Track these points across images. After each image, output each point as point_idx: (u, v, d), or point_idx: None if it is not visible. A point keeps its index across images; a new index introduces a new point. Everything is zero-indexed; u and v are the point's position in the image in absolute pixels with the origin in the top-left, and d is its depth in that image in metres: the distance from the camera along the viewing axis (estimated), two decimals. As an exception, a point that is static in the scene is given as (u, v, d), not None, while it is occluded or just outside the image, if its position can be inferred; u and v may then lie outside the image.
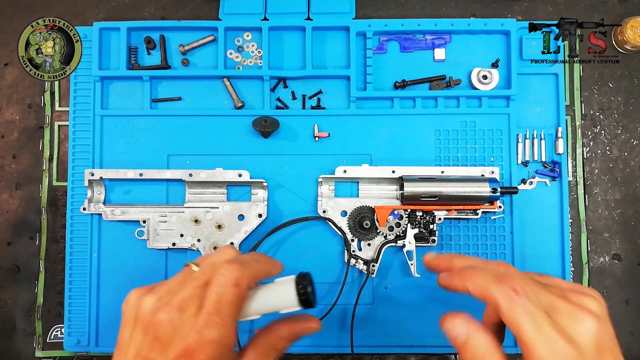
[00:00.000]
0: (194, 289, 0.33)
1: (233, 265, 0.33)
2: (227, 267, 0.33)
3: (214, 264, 0.35)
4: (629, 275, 0.64)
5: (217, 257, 0.36)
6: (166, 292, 0.34)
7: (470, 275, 0.34)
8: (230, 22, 0.64)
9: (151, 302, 0.33)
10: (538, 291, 0.32)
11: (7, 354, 0.63)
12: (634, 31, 0.63)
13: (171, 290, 0.34)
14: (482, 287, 0.33)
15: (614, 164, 0.65)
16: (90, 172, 0.61)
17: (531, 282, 0.32)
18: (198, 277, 0.34)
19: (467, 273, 0.34)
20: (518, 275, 0.34)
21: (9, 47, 0.66)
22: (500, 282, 0.32)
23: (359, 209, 0.61)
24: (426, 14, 0.66)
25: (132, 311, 0.34)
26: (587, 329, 0.30)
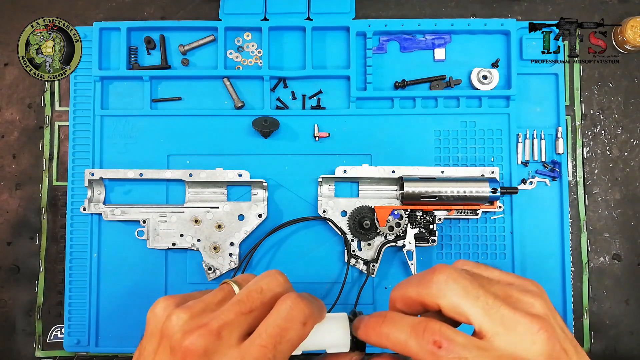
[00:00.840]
0: (237, 315, 0.29)
1: (304, 302, 0.30)
2: (299, 302, 0.30)
3: (261, 290, 0.31)
4: (629, 275, 0.64)
5: (265, 284, 0.31)
6: (200, 309, 0.30)
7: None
8: (230, 22, 0.64)
9: (183, 319, 0.29)
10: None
11: (7, 354, 0.63)
12: (634, 31, 0.63)
13: (207, 309, 0.30)
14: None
15: (614, 164, 0.65)
16: (90, 172, 0.61)
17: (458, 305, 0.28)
18: (242, 302, 0.30)
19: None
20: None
21: (9, 47, 0.66)
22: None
23: (359, 209, 0.61)
24: (426, 14, 0.66)
25: (158, 323, 0.30)
26: (537, 344, 0.26)
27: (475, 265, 0.32)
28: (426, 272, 0.30)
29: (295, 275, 0.62)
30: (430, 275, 0.29)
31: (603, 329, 0.63)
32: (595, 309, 0.63)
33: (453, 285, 0.28)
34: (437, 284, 0.28)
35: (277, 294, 0.31)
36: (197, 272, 0.62)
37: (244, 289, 0.31)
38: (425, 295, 0.29)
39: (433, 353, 0.26)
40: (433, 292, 0.29)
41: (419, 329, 0.28)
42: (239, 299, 0.30)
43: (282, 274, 0.33)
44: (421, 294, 0.29)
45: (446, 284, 0.28)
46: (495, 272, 0.31)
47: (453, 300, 0.28)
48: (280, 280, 0.32)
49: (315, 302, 0.32)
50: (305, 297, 0.31)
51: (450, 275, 0.28)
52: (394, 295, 0.32)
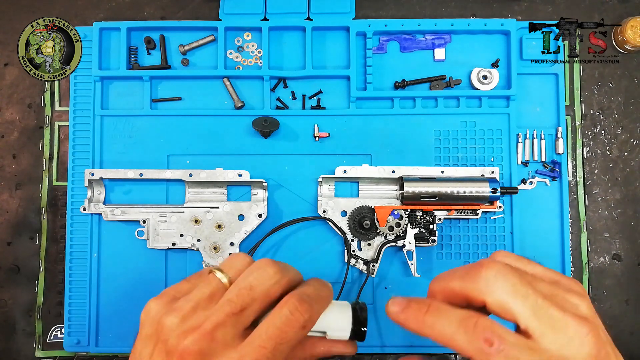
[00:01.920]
0: (228, 315, 0.29)
1: (304, 306, 0.30)
2: (298, 307, 0.29)
3: (251, 287, 0.30)
4: (629, 275, 0.64)
5: (255, 279, 0.31)
6: (191, 309, 0.30)
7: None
8: (230, 22, 0.64)
9: (175, 322, 0.29)
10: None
11: (7, 354, 0.63)
12: (634, 31, 0.63)
13: (197, 307, 0.30)
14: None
15: (614, 164, 0.65)
16: (90, 172, 0.61)
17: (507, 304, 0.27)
18: (232, 302, 0.29)
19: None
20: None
21: (9, 47, 0.66)
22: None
23: (359, 209, 0.61)
24: (426, 14, 0.66)
25: (152, 326, 0.30)
26: (586, 347, 0.26)
27: (517, 258, 0.31)
28: (473, 266, 0.29)
29: (295, 275, 0.62)
30: (478, 269, 0.28)
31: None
32: (595, 309, 0.63)
33: (502, 282, 0.27)
34: (486, 279, 0.28)
35: (269, 288, 0.31)
36: (197, 272, 0.62)
37: (234, 287, 0.31)
38: (471, 289, 0.28)
39: (483, 351, 0.26)
40: (480, 288, 0.28)
41: (469, 323, 0.27)
42: (229, 298, 0.30)
43: (273, 264, 0.32)
44: (467, 288, 0.28)
45: (495, 280, 0.27)
46: (538, 268, 0.31)
47: (501, 298, 0.27)
48: (270, 272, 0.31)
49: (319, 297, 0.32)
50: (308, 296, 0.31)
51: (499, 272, 0.27)
52: (435, 287, 0.31)
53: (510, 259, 0.31)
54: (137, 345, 0.31)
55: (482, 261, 0.29)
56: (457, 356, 0.62)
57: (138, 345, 0.31)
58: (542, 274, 0.30)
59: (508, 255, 0.31)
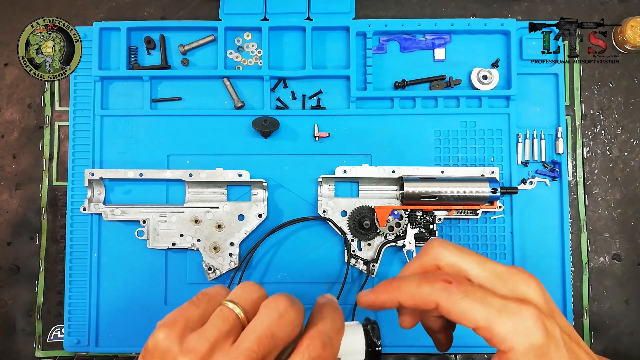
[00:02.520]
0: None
1: (328, 350, 0.29)
2: (323, 352, 0.29)
3: (272, 335, 0.29)
4: (629, 275, 0.64)
5: (276, 327, 0.29)
6: (208, 351, 0.28)
7: (396, 285, 0.32)
8: (230, 22, 0.64)
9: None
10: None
11: (7, 354, 0.63)
12: (634, 31, 0.63)
13: (215, 348, 0.28)
14: (412, 293, 0.31)
15: (614, 164, 0.65)
16: (90, 172, 0.61)
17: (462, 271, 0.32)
18: (255, 352, 0.28)
19: (393, 285, 0.32)
20: (448, 269, 0.33)
21: (9, 47, 0.66)
22: (430, 281, 0.30)
23: (359, 209, 0.61)
24: (426, 14, 0.66)
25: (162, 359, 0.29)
26: (532, 289, 0.30)
27: (453, 251, 0.35)
28: (421, 250, 0.34)
29: (295, 275, 0.62)
30: (424, 247, 0.34)
31: (603, 329, 0.63)
32: (595, 309, 0.63)
33: (447, 245, 0.33)
34: (434, 248, 0.33)
35: (290, 333, 0.30)
36: (197, 272, 0.62)
37: (253, 333, 0.29)
38: (425, 262, 0.33)
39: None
40: (432, 256, 0.33)
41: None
42: (249, 347, 0.28)
43: (292, 306, 0.30)
44: (423, 263, 0.33)
45: (441, 246, 0.33)
46: (473, 257, 0.34)
47: (450, 259, 0.32)
48: (291, 316, 0.30)
49: (337, 332, 0.31)
50: (329, 337, 0.30)
51: (441, 241, 0.33)
52: (403, 289, 0.32)
53: (446, 253, 0.34)
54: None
55: (426, 242, 0.34)
56: (457, 356, 0.62)
57: None
58: (480, 270, 0.34)
59: (443, 246, 0.35)
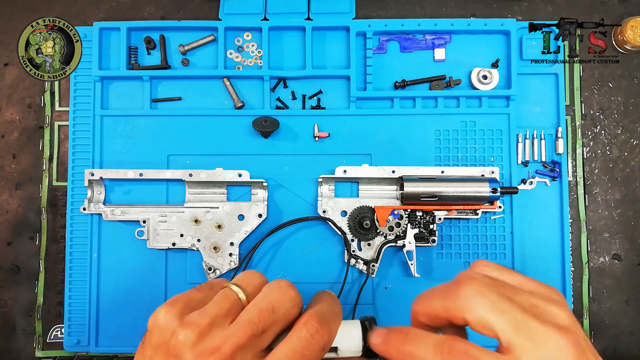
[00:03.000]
0: (249, 338, 0.28)
1: (325, 328, 0.29)
2: (319, 329, 0.29)
3: (273, 309, 0.29)
4: (629, 275, 0.64)
5: (276, 300, 0.30)
6: (208, 325, 0.28)
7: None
8: (230, 22, 0.64)
9: (191, 339, 0.28)
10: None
11: (7, 354, 0.63)
12: (634, 31, 0.63)
13: (214, 324, 0.29)
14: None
15: (614, 164, 0.65)
16: (90, 172, 0.61)
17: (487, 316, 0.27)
18: (254, 323, 0.29)
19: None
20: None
21: (9, 47, 0.66)
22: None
23: (359, 209, 0.61)
24: (426, 14, 0.66)
25: (163, 337, 0.29)
26: (564, 358, 0.26)
27: (496, 267, 0.31)
28: (451, 285, 0.29)
29: (295, 275, 0.62)
30: (455, 288, 0.29)
31: (603, 329, 0.63)
32: (595, 309, 0.63)
33: (480, 299, 0.27)
34: (464, 298, 0.28)
35: (289, 310, 0.30)
36: (197, 272, 0.62)
37: (254, 308, 0.30)
38: (452, 308, 0.29)
39: None
40: (460, 306, 0.28)
41: (444, 348, 0.27)
42: (249, 319, 0.29)
43: (292, 286, 0.31)
44: (447, 308, 0.29)
45: (473, 297, 0.28)
46: (517, 278, 0.31)
47: (481, 315, 0.27)
48: (291, 295, 0.31)
49: (334, 316, 0.31)
50: (326, 316, 0.30)
51: (477, 289, 0.28)
52: (417, 308, 0.31)
53: (489, 269, 0.31)
54: (145, 351, 0.30)
55: (460, 277, 0.29)
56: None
57: (147, 350, 0.29)
58: (521, 284, 0.30)
59: (487, 265, 0.32)
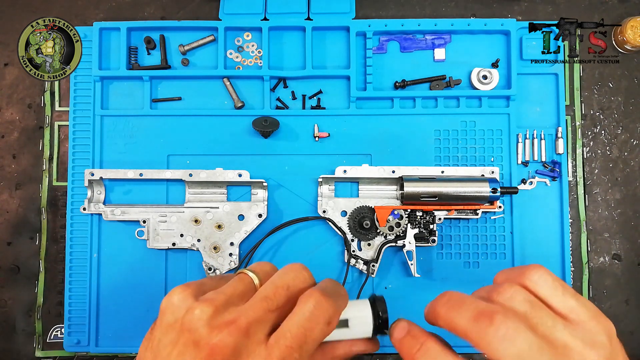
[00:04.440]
0: (265, 312, 0.28)
1: (329, 300, 0.29)
2: (322, 301, 0.29)
3: (288, 286, 0.30)
4: (629, 275, 0.64)
5: (291, 279, 0.30)
6: (224, 302, 0.28)
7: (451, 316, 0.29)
8: (230, 22, 0.64)
9: (207, 313, 0.28)
10: None
11: (7, 354, 0.63)
12: (634, 31, 0.63)
13: (229, 302, 0.29)
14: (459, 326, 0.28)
15: (614, 164, 0.65)
16: (90, 172, 0.61)
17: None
18: (269, 299, 0.29)
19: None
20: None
21: (9, 47, 0.66)
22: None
23: (359, 209, 0.61)
24: (426, 14, 0.66)
25: (177, 315, 0.29)
26: None
27: (551, 284, 0.29)
28: (483, 314, 0.27)
29: (295, 275, 0.62)
30: (486, 322, 0.27)
31: None
32: (595, 309, 0.63)
33: (509, 346, 0.26)
34: (491, 338, 0.26)
35: (302, 290, 0.30)
36: (197, 272, 0.62)
37: (270, 284, 0.30)
38: (474, 339, 0.27)
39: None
40: (484, 344, 0.27)
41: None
42: (265, 294, 0.29)
43: (306, 268, 0.32)
44: (470, 337, 0.27)
45: (501, 343, 0.26)
46: (570, 302, 0.29)
47: (499, 356, 0.26)
48: (305, 275, 0.31)
49: (339, 294, 0.31)
50: (329, 292, 0.30)
51: (508, 335, 0.26)
52: (439, 312, 0.30)
53: (543, 284, 0.29)
54: (155, 333, 0.29)
55: (494, 312, 0.27)
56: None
57: (157, 332, 0.29)
58: (570, 311, 0.28)
59: (544, 277, 0.29)
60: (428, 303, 0.32)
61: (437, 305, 0.30)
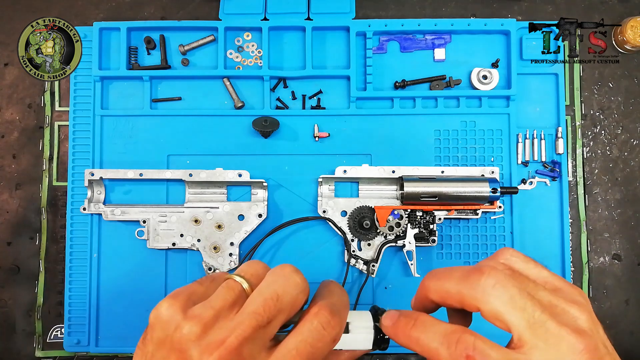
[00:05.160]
0: (255, 329, 0.27)
1: (336, 318, 0.29)
2: (331, 320, 0.28)
3: (277, 297, 0.28)
4: (629, 275, 0.64)
5: (281, 288, 0.29)
6: (212, 318, 0.27)
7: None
8: (230, 22, 0.64)
9: (195, 332, 0.27)
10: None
11: (7, 354, 0.63)
12: (634, 31, 0.63)
13: (219, 316, 0.28)
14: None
15: (614, 164, 0.65)
16: (90, 172, 0.61)
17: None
18: (259, 314, 0.27)
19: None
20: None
21: (9, 47, 0.66)
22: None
23: (359, 209, 0.61)
24: (426, 14, 0.66)
25: (166, 331, 0.28)
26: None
27: (523, 259, 0.31)
28: (471, 271, 0.28)
29: (295, 275, 0.62)
30: (477, 275, 0.28)
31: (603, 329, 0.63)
32: (595, 309, 0.63)
33: (501, 291, 0.27)
34: (483, 288, 0.27)
35: (295, 297, 0.29)
36: (197, 272, 0.62)
37: (258, 296, 0.28)
38: (467, 296, 0.28)
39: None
40: (477, 295, 0.27)
41: (452, 339, 0.27)
42: (254, 309, 0.28)
43: (296, 271, 0.30)
44: (462, 293, 0.28)
45: (493, 289, 0.27)
46: (543, 273, 0.30)
47: (497, 308, 0.27)
48: (296, 280, 0.30)
49: (344, 306, 0.31)
50: (337, 308, 0.29)
51: (499, 281, 0.27)
52: (429, 285, 0.31)
53: (515, 260, 0.31)
54: (148, 347, 0.29)
55: (483, 267, 0.28)
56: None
57: (149, 346, 0.28)
58: (546, 280, 0.30)
59: (514, 255, 0.31)
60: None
61: (425, 281, 0.31)
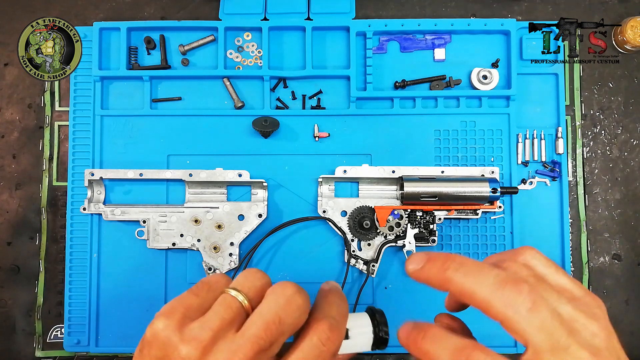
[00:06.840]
0: (257, 354, 0.26)
1: (335, 333, 0.29)
2: (331, 336, 0.28)
3: (280, 321, 0.28)
4: (629, 275, 0.64)
5: (283, 311, 0.28)
6: (211, 340, 0.27)
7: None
8: (230, 22, 0.64)
9: (195, 356, 0.26)
10: None
11: (7, 354, 0.63)
12: (634, 31, 0.63)
13: (218, 337, 0.27)
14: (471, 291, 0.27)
15: (614, 164, 0.65)
16: (90, 172, 0.61)
17: None
18: (261, 338, 0.27)
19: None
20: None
21: (9, 47, 0.66)
22: (504, 290, 0.26)
23: (359, 209, 0.61)
24: (426, 14, 0.66)
25: (163, 352, 0.27)
26: None
27: (545, 263, 0.29)
28: (507, 282, 0.27)
29: (295, 275, 0.62)
30: (514, 293, 0.26)
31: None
32: (595, 309, 0.63)
33: (534, 316, 0.25)
34: (518, 309, 0.26)
35: (297, 319, 0.29)
36: (197, 272, 0.62)
37: (259, 319, 0.28)
38: (496, 308, 0.26)
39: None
40: (508, 314, 0.26)
41: (462, 355, 0.26)
42: (255, 333, 0.27)
43: (299, 292, 0.29)
44: (491, 305, 0.27)
45: (528, 312, 0.26)
46: (564, 280, 0.29)
47: (525, 329, 0.26)
48: (299, 303, 0.29)
49: (344, 317, 0.30)
50: (337, 322, 0.29)
51: (535, 306, 0.26)
52: (453, 277, 0.28)
53: (537, 263, 0.29)
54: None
55: (519, 282, 0.27)
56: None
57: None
58: (564, 287, 0.29)
59: (537, 257, 0.30)
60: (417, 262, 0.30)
61: (447, 269, 0.29)
